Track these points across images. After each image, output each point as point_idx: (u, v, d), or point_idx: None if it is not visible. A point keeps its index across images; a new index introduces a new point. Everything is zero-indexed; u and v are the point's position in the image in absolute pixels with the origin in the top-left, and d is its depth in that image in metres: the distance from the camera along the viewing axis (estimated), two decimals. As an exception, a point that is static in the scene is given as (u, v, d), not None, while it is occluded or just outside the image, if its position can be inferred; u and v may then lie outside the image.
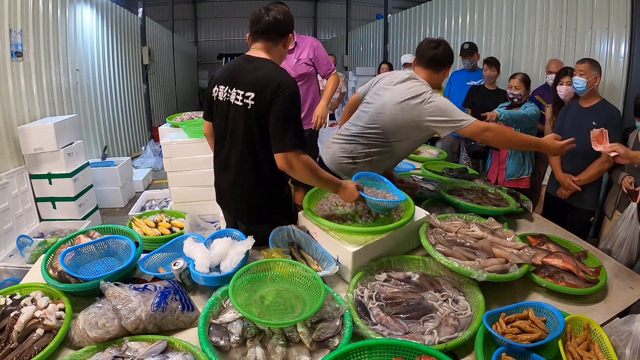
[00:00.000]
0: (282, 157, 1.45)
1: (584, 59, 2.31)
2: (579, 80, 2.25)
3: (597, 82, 2.26)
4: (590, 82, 2.22)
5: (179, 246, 1.58)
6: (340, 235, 1.46)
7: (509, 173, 2.92)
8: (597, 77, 2.25)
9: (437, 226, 1.59)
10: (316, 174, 1.50)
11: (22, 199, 3.19)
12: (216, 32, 13.52)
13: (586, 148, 2.28)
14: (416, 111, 1.72)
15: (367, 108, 1.89)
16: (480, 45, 4.32)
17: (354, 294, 1.31)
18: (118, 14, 5.82)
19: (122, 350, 1.07)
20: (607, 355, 1.06)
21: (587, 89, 2.25)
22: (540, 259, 1.49)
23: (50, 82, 3.83)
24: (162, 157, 3.05)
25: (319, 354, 1.11)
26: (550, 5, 3.55)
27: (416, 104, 1.72)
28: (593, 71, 2.22)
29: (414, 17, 6.48)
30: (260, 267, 1.33)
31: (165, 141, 2.86)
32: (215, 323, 1.17)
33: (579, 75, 2.25)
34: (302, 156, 1.45)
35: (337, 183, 1.57)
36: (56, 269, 1.34)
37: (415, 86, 1.76)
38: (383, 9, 8.06)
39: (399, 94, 1.77)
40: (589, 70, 2.22)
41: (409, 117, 1.74)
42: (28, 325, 1.13)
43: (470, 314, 1.24)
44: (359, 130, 1.88)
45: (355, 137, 1.90)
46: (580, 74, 2.24)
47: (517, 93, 2.81)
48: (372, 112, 1.85)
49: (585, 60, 2.28)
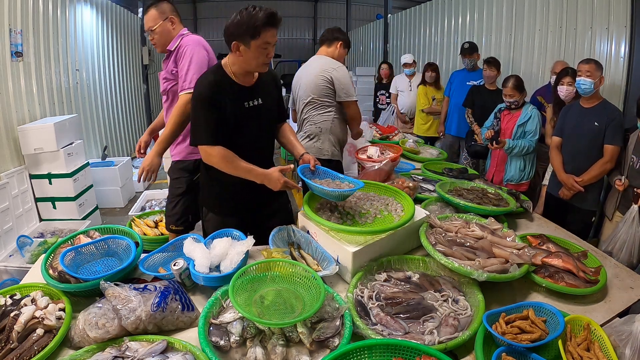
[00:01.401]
0: (199, 150, 1.59)
1: (588, 59, 2.29)
2: (585, 81, 2.22)
3: (601, 83, 2.25)
4: (596, 83, 2.22)
5: (179, 246, 1.58)
6: (340, 235, 1.46)
7: (508, 178, 2.91)
8: (602, 77, 2.25)
9: (437, 226, 1.59)
10: (233, 164, 1.58)
11: (22, 199, 3.20)
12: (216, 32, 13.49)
13: (588, 148, 2.29)
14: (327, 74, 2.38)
15: (301, 98, 2.49)
16: (480, 45, 4.32)
17: (354, 294, 1.31)
18: (118, 14, 5.82)
19: (122, 350, 1.07)
20: (607, 355, 1.05)
21: (594, 90, 2.24)
22: (540, 259, 1.49)
23: (50, 82, 3.83)
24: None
25: (319, 354, 1.11)
26: (550, 5, 3.54)
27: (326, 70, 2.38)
28: (598, 72, 2.21)
29: (414, 17, 6.48)
30: (260, 267, 1.33)
31: (165, 141, 2.85)
32: (215, 323, 1.17)
33: (585, 76, 2.22)
34: (216, 147, 1.55)
35: (259, 173, 1.58)
36: (56, 269, 1.34)
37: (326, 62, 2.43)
38: (383, 9, 8.06)
39: (313, 71, 2.42)
40: (595, 71, 2.21)
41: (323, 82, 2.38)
42: (28, 325, 1.13)
43: (470, 314, 1.24)
44: (307, 114, 2.47)
45: (308, 121, 2.46)
46: (587, 74, 2.21)
47: (513, 100, 2.82)
48: (303, 95, 2.46)
49: (590, 60, 2.26)
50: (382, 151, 2.78)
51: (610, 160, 2.20)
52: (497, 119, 2.96)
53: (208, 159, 1.60)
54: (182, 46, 1.99)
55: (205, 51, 2.02)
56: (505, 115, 2.93)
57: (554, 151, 2.49)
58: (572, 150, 2.39)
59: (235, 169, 1.59)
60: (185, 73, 1.93)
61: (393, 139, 3.55)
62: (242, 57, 1.51)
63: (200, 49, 1.99)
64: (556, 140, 2.48)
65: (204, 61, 1.98)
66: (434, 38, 5.79)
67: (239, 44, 1.48)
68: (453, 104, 4.07)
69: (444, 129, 4.28)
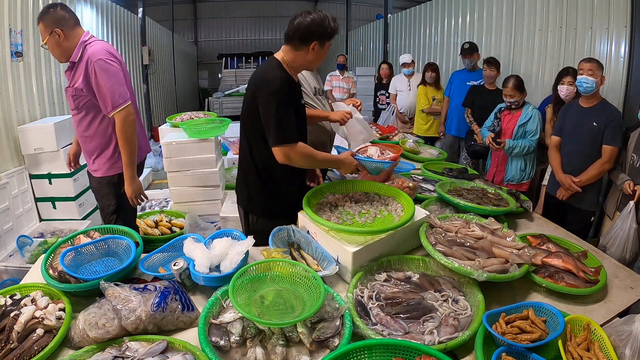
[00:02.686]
0: (276, 151, 1.56)
1: (590, 58, 2.27)
2: (588, 80, 2.20)
3: (602, 83, 2.25)
4: (597, 82, 2.21)
5: (179, 246, 1.58)
6: (340, 235, 1.46)
7: (509, 178, 2.91)
8: (603, 77, 2.24)
9: (437, 226, 1.59)
10: (313, 158, 1.63)
11: (22, 199, 3.19)
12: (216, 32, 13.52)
13: (587, 148, 2.29)
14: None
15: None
16: (480, 45, 4.32)
17: (354, 294, 1.31)
18: (118, 14, 5.81)
19: (122, 350, 1.07)
20: (607, 355, 1.05)
21: (595, 89, 2.23)
22: (540, 259, 1.49)
23: (50, 82, 3.82)
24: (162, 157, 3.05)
25: (319, 354, 1.11)
26: (550, 5, 3.54)
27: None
28: (599, 71, 2.21)
29: (414, 17, 6.48)
30: (260, 267, 1.33)
31: (165, 141, 2.86)
32: (215, 323, 1.17)
33: (587, 75, 2.20)
34: (296, 146, 1.56)
35: (334, 159, 1.72)
36: (56, 269, 1.34)
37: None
38: (383, 9, 8.06)
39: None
40: (597, 70, 2.20)
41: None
42: (28, 325, 1.13)
43: (470, 314, 1.24)
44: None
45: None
46: (589, 73, 2.19)
47: (513, 100, 2.82)
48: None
49: (591, 59, 2.24)
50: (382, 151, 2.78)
51: (609, 161, 2.20)
52: (498, 120, 2.96)
53: (285, 158, 1.57)
54: (90, 61, 1.82)
55: (114, 58, 1.90)
56: (505, 115, 2.93)
57: (553, 151, 2.48)
58: (570, 150, 2.39)
59: (315, 161, 1.67)
60: (107, 92, 1.83)
61: (393, 139, 3.54)
62: (311, 56, 1.58)
63: (109, 59, 1.86)
64: (555, 139, 2.48)
65: (117, 72, 1.88)
66: (434, 38, 5.79)
67: (316, 43, 1.56)
68: (453, 104, 4.07)
69: (444, 129, 4.28)
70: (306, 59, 1.60)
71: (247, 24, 13.29)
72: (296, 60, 1.61)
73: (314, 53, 1.58)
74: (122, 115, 1.86)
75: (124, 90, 1.89)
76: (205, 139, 2.80)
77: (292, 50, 1.59)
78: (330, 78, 5.51)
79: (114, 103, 1.84)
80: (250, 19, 13.10)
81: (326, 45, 1.60)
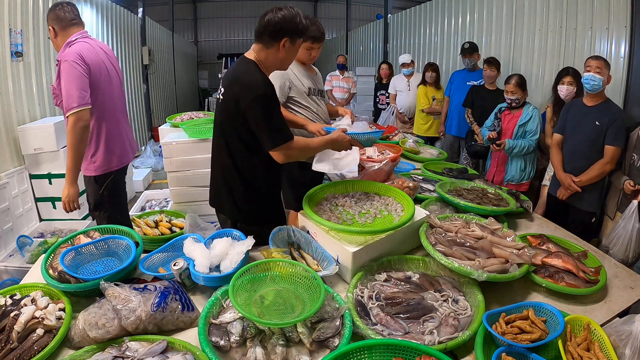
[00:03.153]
0: (275, 154, 1.56)
1: (597, 56, 2.24)
2: (595, 77, 2.16)
3: (609, 82, 2.23)
4: (604, 81, 2.18)
5: (179, 246, 1.58)
6: (340, 235, 1.46)
7: (509, 178, 2.91)
8: (610, 76, 2.21)
9: (437, 226, 1.59)
10: (310, 147, 1.66)
11: (22, 199, 3.19)
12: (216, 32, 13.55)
13: (588, 147, 2.28)
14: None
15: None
16: (481, 45, 4.32)
17: (354, 294, 1.31)
18: (118, 14, 5.81)
19: (122, 350, 1.07)
20: (607, 355, 1.05)
21: (602, 87, 2.19)
22: (540, 259, 1.49)
23: (50, 82, 3.82)
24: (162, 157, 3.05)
25: (319, 354, 1.11)
26: (550, 5, 3.54)
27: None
28: (606, 69, 2.18)
29: (414, 17, 6.48)
30: (260, 267, 1.33)
31: (165, 141, 2.86)
32: (215, 323, 1.17)
33: (595, 72, 2.16)
34: (292, 142, 1.56)
35: (327, 140, 1.68)
36: (56, 269, 1.34)
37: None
38: (383, 9, 8.06)
39: None
40: (604, 68, 2.16)
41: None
42: (28, 325, 1.13)
43: (470, 314, 1.24)
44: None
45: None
46: (597, 71, 2.16)
47: (514, 98, 2.81)
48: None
49: (599, 57, 2.21)
50: (382, 151, 2.78)
51: (611, 162, 2.18)
52: (498, 119, 2.96)
53: (286, 157, 1.57)
54: (62, 60, 1.88)
55: (82, 62, 1.88)
56: (505, 115, 2.93)
57: (554, 149, 2.47)
58: (572, 148, 2.37)
59: (313, 149, 1.69)
60: (65, 94, 1.85)
61: (393, 139, 3.54)
62: (282, 54, 1.55)
63: (76, 62, 1.86)
64: (557, 137, 2.46)
65: (79, 76, 1.86)
66: (434, 38, 5.79)
67: (287, 39, 1.52)
68: (453, 104, 4.08)
69: (444, 129, 4.28)
70: (277, 57, 1.55)
71: (247, 24, 13.30)
72: (268, 59, 1.56)
73: (284, 50, 1.53)
74: (72, 119, 1.85)
75: (80, 95, 1.86)
76: (205, 139, 2.81)
77: (264, 49, 1.55)
78: (331, 78, 5.52)
79: (67, 105, 1.85)
80: (250, 19, 13.11)
81: (297, 42, 1.56)
